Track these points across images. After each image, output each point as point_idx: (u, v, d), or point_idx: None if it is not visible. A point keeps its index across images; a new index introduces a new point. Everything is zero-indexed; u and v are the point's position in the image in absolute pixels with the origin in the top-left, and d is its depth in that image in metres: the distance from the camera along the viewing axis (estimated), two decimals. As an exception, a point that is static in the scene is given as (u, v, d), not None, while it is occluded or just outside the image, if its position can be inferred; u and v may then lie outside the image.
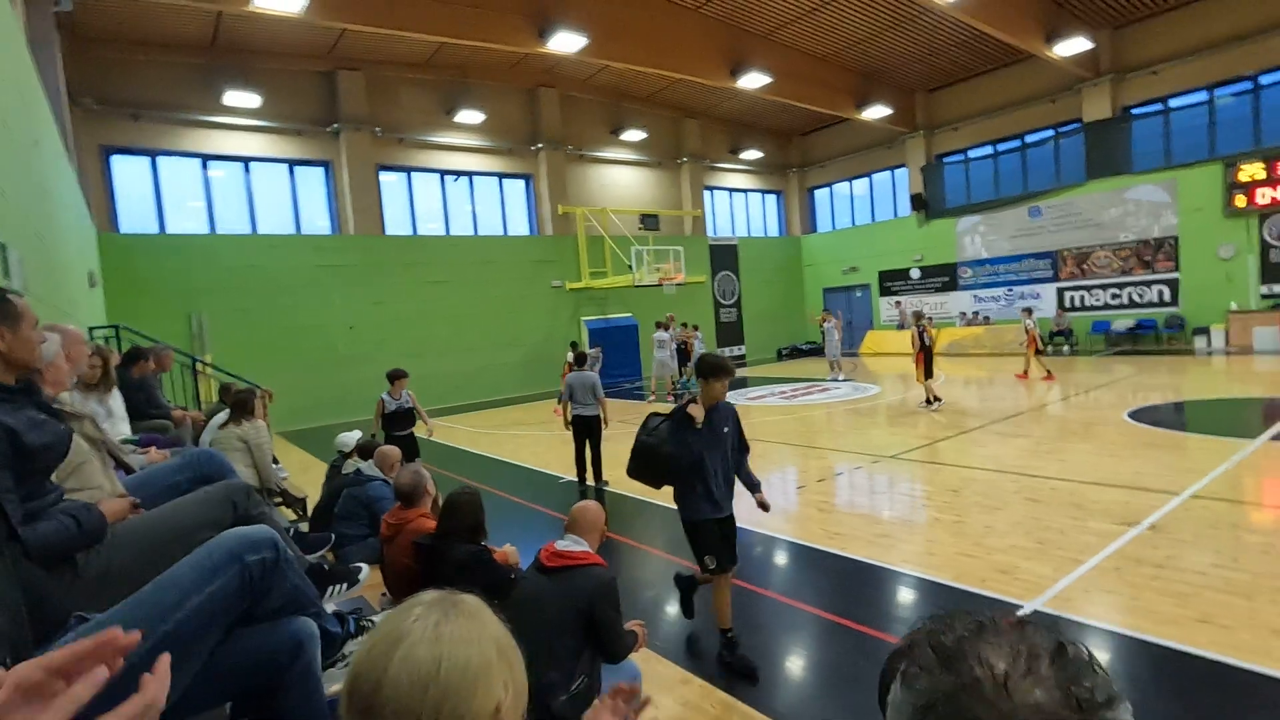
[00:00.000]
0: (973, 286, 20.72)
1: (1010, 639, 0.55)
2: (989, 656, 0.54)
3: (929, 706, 0.54)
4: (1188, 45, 16.09)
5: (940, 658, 0.56)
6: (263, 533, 1.52)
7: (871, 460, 7.81)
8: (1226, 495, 5.56)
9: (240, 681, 1.46)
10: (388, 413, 7.44)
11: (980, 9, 13.69)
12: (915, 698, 0.55)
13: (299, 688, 1.49)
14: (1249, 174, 15.25)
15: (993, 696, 0.51)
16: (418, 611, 0.78)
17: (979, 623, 0.58)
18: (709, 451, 3.63)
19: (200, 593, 1.37)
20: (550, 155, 19.03)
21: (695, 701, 3.28)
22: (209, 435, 5.57)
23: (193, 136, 14.52)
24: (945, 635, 0.57)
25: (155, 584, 1.39)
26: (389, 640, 0.75)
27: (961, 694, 0.52)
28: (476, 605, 0.81)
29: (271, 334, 14.69)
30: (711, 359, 3.63)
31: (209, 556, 1.43)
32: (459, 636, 0.76)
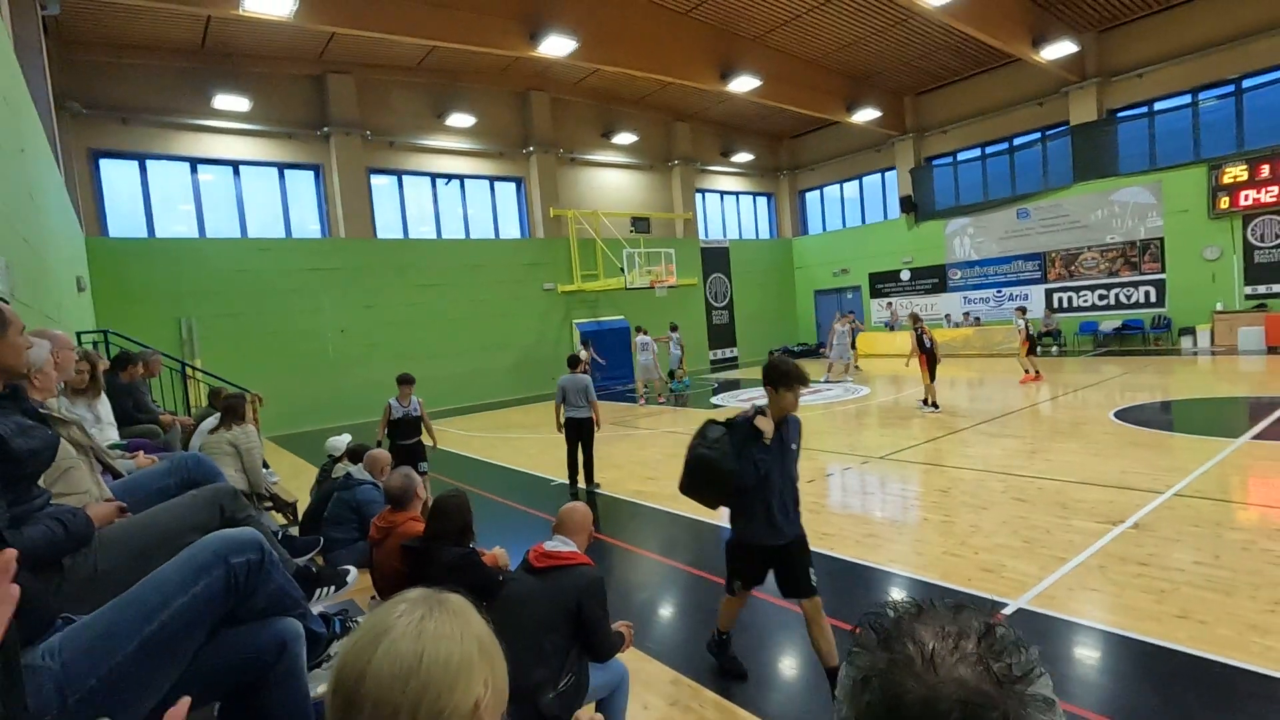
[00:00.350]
0: (962, 288, 20.87)
1: (943, 620, 0.60)
2: (921, 635, 0.59)
3: (865, 681, 0.58)
4: (1171, 49, 16.29)
5: (879, 637, 0.61)
6: (248, 534, 1.54)
7: (861, 461, 7.87)
8: (1209, 494, 5.64)
9: (226, 681, 1.48)
10: (394, 419, 7.15)
11: (967, 13, 13.82)
12: (855, 673, 0.60)
13: (284, 687, 1.51)
14: (1232, 176, 15.45)
15: (921, 671, 0.56)
16: (402, 607, 0.80)
17: (919, 605, 0.63)
18: (776, 470, 3.22)
19: (185, 594, 1.38)
20: (541, 158, 19.06)
21: (685, 701, 3.31)
22: (198, 440, 5.56)
23: (182, 140, 14.46)
24: (886, 617, 0.62)
25: (141, 585, 1.41)
26: (373, 633, 0.78)
27: (894, 669, 0.57)
28: (461, 603, 0.84)
29: (262, 338, 14.63)
30: (782, 365, 3.17)
31: (194, 558, 1.45)
32: (442, 633, 0.78)
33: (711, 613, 4.30)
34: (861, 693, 0.58)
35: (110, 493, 2.28)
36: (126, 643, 1.29)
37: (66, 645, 1.27)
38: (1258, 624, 3.47)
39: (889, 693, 0.56)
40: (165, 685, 1.35)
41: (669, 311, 20.99)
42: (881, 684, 0.57)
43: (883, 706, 0.56)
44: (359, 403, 15.67)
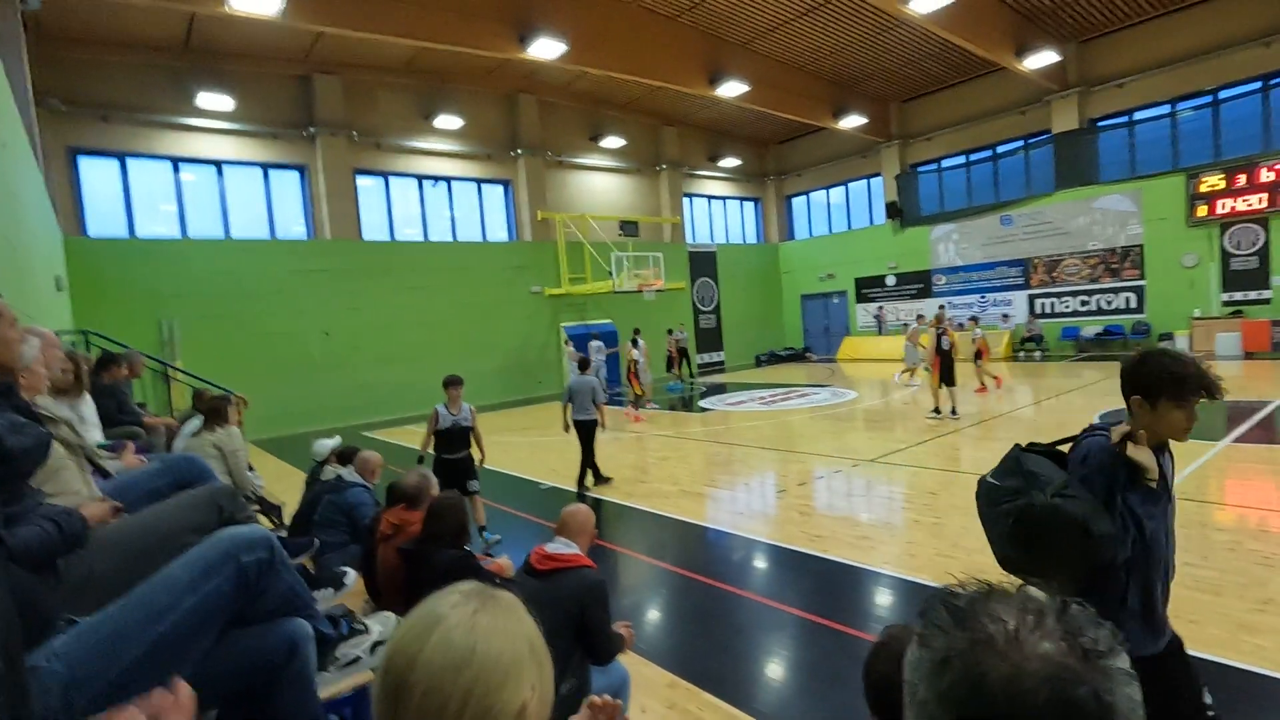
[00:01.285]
0: (946, 293, 21.07)
1: (1017, 599, 0.60)
2: (1000, 613, 0.58)
3: (945, 661, 0.58)
4: (1151, 60, 16.61)
5: (954, 617, 0.60)
6: (258, 532, 1.50)
7: (851, 464, 7.90)
8: (1194, 495, 5.72)
9: (235, 682, 1.44)
10: (440, 429, 6.09)
11: (952, 21, 14.00)
12: (932, 654, 0.59)
13: (294, 689, 1.47)
14: (1210, 185, 15.76)
15: (1004, 649, 0.56)
16: (455, 599, 0.79)
17: (987, 586, 0.63)
18: (1163, 529, 2.02)
19: (195, 593, 1.34)
20: (529, 161, 19.01)
21: (681, 704, 3.29)
22: (181, 442, 5.45)
23: (164, 139, 14.25)
24: (957, 598, 0.62)
25: (149, 584, 1.37)
26: (426, 621, 0.76)
27: (975, 648, 0.57)
28: (513, 601, 0.83)
29: (244, 340, 14.43)
30: (1174, 365, 1.95)
31: (204, 556, 1.41)
32: (495, 628, 0.77)
33: (706, 614, 4.29)
34: (941, 674, 0.57)
35: (101, 493, 2.22)
36: (135, 644, 1.25)
37: (72, 647, 1.23)
38: (1247, 623, 3.51)
39: (972, 672, 0.56)
40: None
41: (657, 316, 21.02)
42: (963, 664, 0.56)
43: (966, 686, 0.55)
44: (343, 406, 15.52)
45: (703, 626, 4.15)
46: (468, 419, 6.10)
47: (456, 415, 6.09)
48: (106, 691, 1.19)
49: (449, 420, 6.06)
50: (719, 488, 7.53)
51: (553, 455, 10.22)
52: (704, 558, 5.50)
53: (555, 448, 10.87)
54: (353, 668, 1.79)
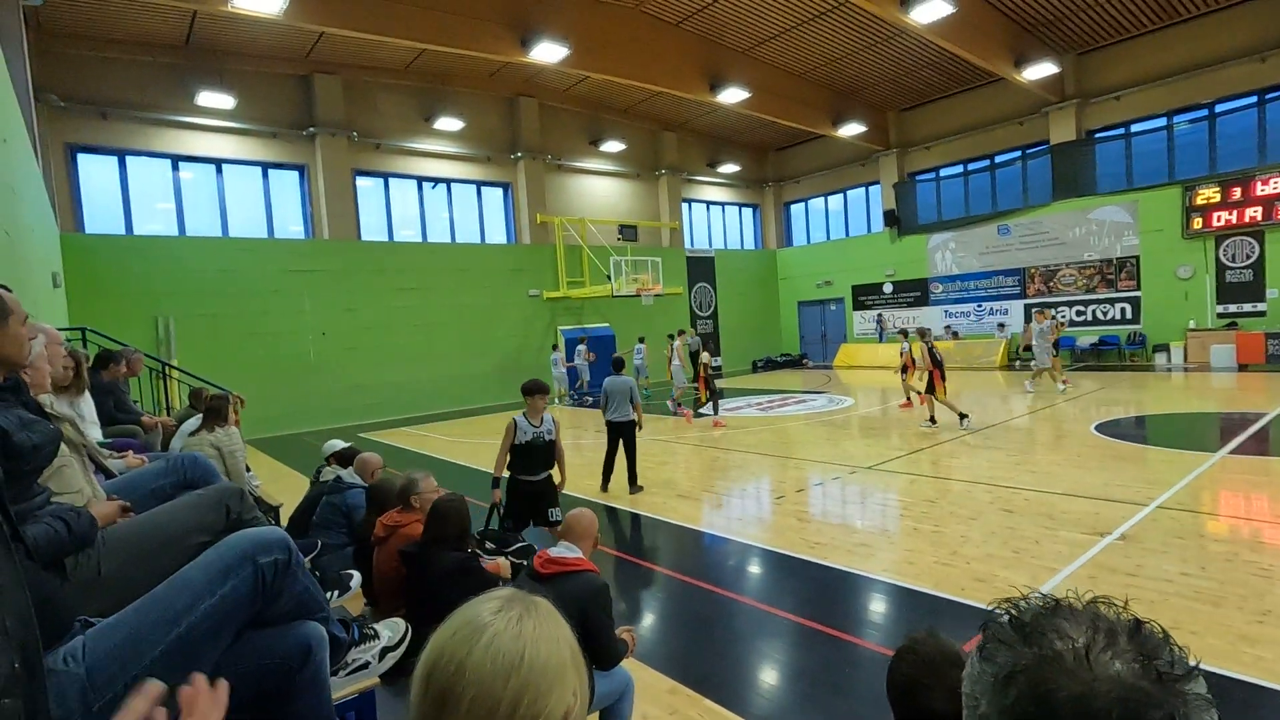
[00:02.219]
0: (944, 301, 21.16)
1: (1087, 616, 0.58)
2: (1068, 630, 0.57)
3: (1010, 677, 0.56)
4: (1148, 73, 16.73)
5: (1020, 632, 0.58)
6: (275, 534, 1.49)
7: (849, 471, 7.90)
8: (1190, 506, 5.74)
9: (251, 685, 1.43)
10: (520, 444, 5.00)
11: (952, 32, 14.09)
12: (996, 669, 0.58)
13: (308, 692, 1.46)
14: (1205, 197, 15.88)
15: (1074, 667, 0.54)
16: (496, 605, 0.79)
17: (1053, 601, 0.61)
18: None
19: (213, 595, 1.33)
20: (529, 164, 19.02)
21: (682, 710, 3.28)
22: (179, 441, 5.42)
23: (163, 136, 14.21)
24: (1021, 612, 0.60)
25: (167, 585, 1.35)
26: (472, 627, 0.76)
27: (1043, 665, 0.55)
28: (550, 609, 0.83)
29: (241, 339, 14.38)
30: None
31: (221, 558, 1.40)
32: (541, 635, 0.77)
33: (706, 620, 4.28)
34: (1006, 689, 0.56)
35: (103, 492, 2.21)
36: (153, 646, 1.24)
37: (90, 649, 1.22)
38: (1247, 634, 3.52)
39: (1038, 690, 0.54)
40: None
41: (654, 320, 21.04)
42: (1030, 680, 0.55)
43: (1032, 703, 0.54)
44: (339, 407, 15.46)
45: (703, 632, 4.14)
46: (550, 432, 5.06)
47: (538, 428, 5.01)
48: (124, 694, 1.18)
49: (529, 433, 4.97)
50: (717, 493, 7.52)
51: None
52: (703, 563, 5.49)
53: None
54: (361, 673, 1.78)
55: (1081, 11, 15.66)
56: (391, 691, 3.11)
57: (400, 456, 10.81)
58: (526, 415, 5.05)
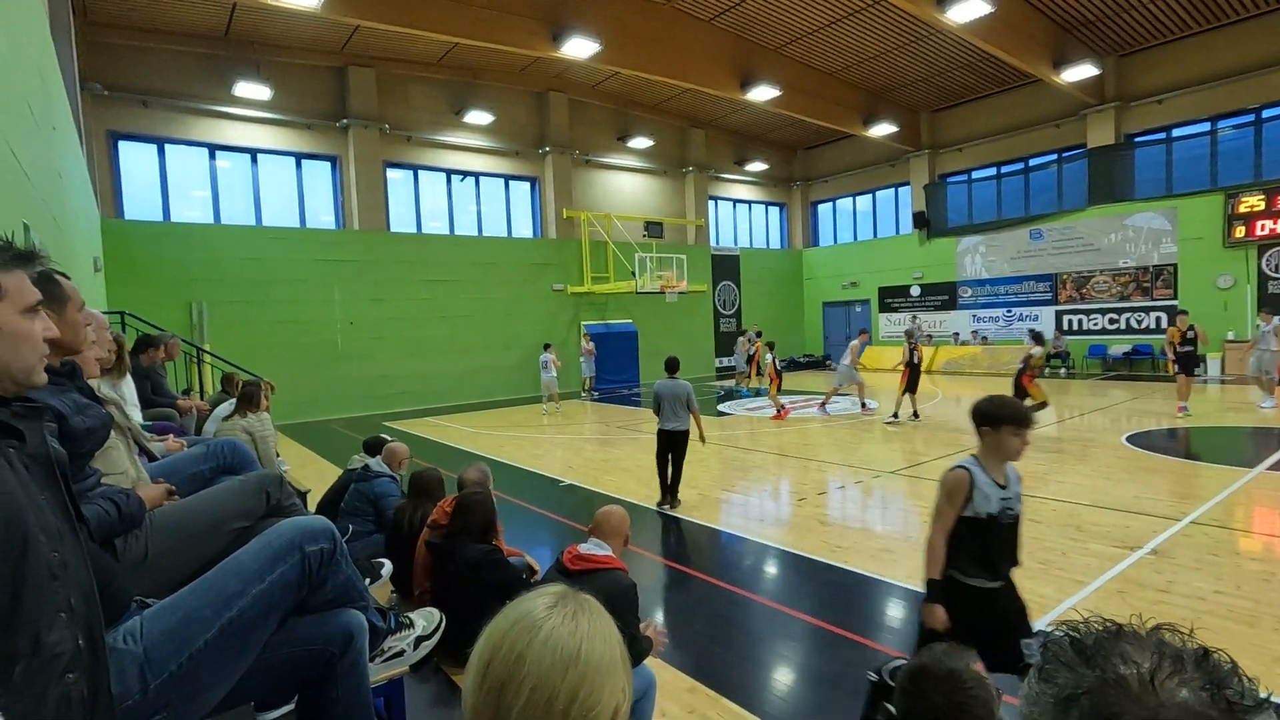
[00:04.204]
0: (972, 306, 20.85)
1: (1152, 641, 0.58)
2: (1133, 655, 0.56)
3: (1071, 699, 0.56)
4: (1191, 76, 16.29)
5: (1081, 655, 0.58)
6: (321, 523, 1.53)
7: (872, 475, 7.84)
8: (1226, 523, 5.61)
9: (294, 670, 1.47)
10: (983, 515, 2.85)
11: (989, 32, 13.84)
12: (1056, 690, 0.57)
13: (349, 678, 1.50)
14: (1249, 205, 15.43)
15: (1139, 692, 0.53)
16: (548, 601, 0.81)
17: (1117, 626, 0.60)
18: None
19: (262, 581, 1.37)
20: (557, 159, 19.09)
21: (701, 709, 3.28)
22: (212, 426, 5.55)
23: (201, 126, 14.51)
24: (1082, 634, 0.60)
25: (219, 570, 1.40)
26: (529, 620, 0.78)
27: (1106, 689, 0.54)
28: (599, 607, 0.85)
29: (270, 326, 14.66)
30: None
31: (269, 545, 1.44)
32: (595, 632, 0.79)
33: (726, 620, 4.29)
34: (1066, 711, 0.56)
35: (147, 475, 2.27)
36: (206, 629, 1.28)
37: (147, 629, 1.26)
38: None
39: (1102, 713, 0.54)
40: (238, 673, 1.34)
41: (678, 318, 21.01)
42: (1093, 704, 0.54)
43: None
44: (365, 395, 15.70)
45: (722, 632, 4.14)
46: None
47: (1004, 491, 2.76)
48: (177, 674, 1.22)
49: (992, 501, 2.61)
50: (737, 493, 7.51)
51: (571, 452, 10.25)
52: (723, 563, 5.49)
53: (574, 445, 10.91)
54: (395, 660, 1.82)
55: (1125, 12, 15.28)
56: (417, 679, 3.17)
57: (424, 446, 10.94)
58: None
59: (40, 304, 1.13)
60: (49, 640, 0.89)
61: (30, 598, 0.88)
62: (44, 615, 0.89)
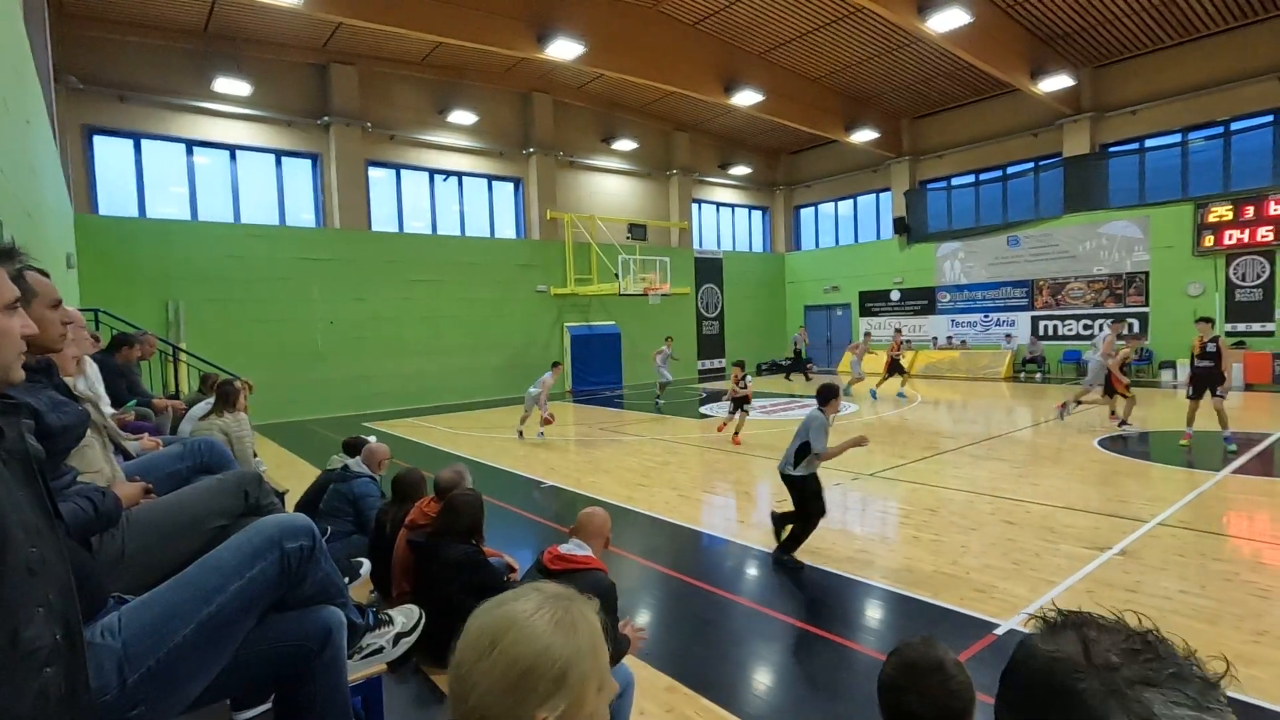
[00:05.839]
0: (950, 311, 21.14)
1: (1114, 623, 0.68)
2: (1098, 636, 0.66)
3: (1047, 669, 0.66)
4: (1164, 89, 16.68)
5: (1052, 632, 0.69)
6: (301, 521, 1.54)
7: (851, 478, 7.93)
8: (1193, 525, 5.75)
9: (272, 667, 1.47)
10: None
11: (969, 41, 14.07)
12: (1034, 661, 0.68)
13: (327, 675, 1.51)
14: (1218, 215, 15.83)
15: (1101, 663, 0.63)
16: (536, 594, 0.86)
17: (1087, 613, 0.71)
18: None
19: (241, 577, 1.38)
20: (541, 160, 19.07)
21: (680, 708, 3.31)
22: (188, 425, 5.48)
23: (179, 121, 14.30)
24: (1056, 616, 0.71)
25: (198, 566, 1.40)
26: (512, 605, 0.83)
27: (1074, 660, 0.64)
28: (584, 601, 0.89)
29: (249, 325, 14.48)
30: None
31: (249, 542, 1.45)
32: (572, 621, 0.83)
33: (704, 620, 4.33)
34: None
35: (123, 473, 2.26)
36: (185, 624, 1.28)
37: (125, 624, 1.26)
38: (1242, 654, 3.54)
39: (1065, 682, 0.64)
40: (215, 669, 1.34)
41: (661, 320, 21.06)
42: (1061, 670, 0.65)
43: None
44: (345, 396, 15.56)
45: (701, 632, 4.18)
46: None
47: None
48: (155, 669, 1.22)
49: None
50: (718, 494, 7.56)
51: (553, 454, 10.25)
52: (702, 563, 5.52)
53: (554, 446, 10.91)
54: (374, 657, 1.82)
55: (1101, 25, 15.62)
56: (396, 679, 3.16)
57: (404, 447, 10.88)
58: None
59: (19, 301, 1.13)
60: (27, 635, 0.89)
61: (8, 593, 0.88)
62: (22, 610, 0.90)
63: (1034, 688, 0.65)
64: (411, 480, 3.77)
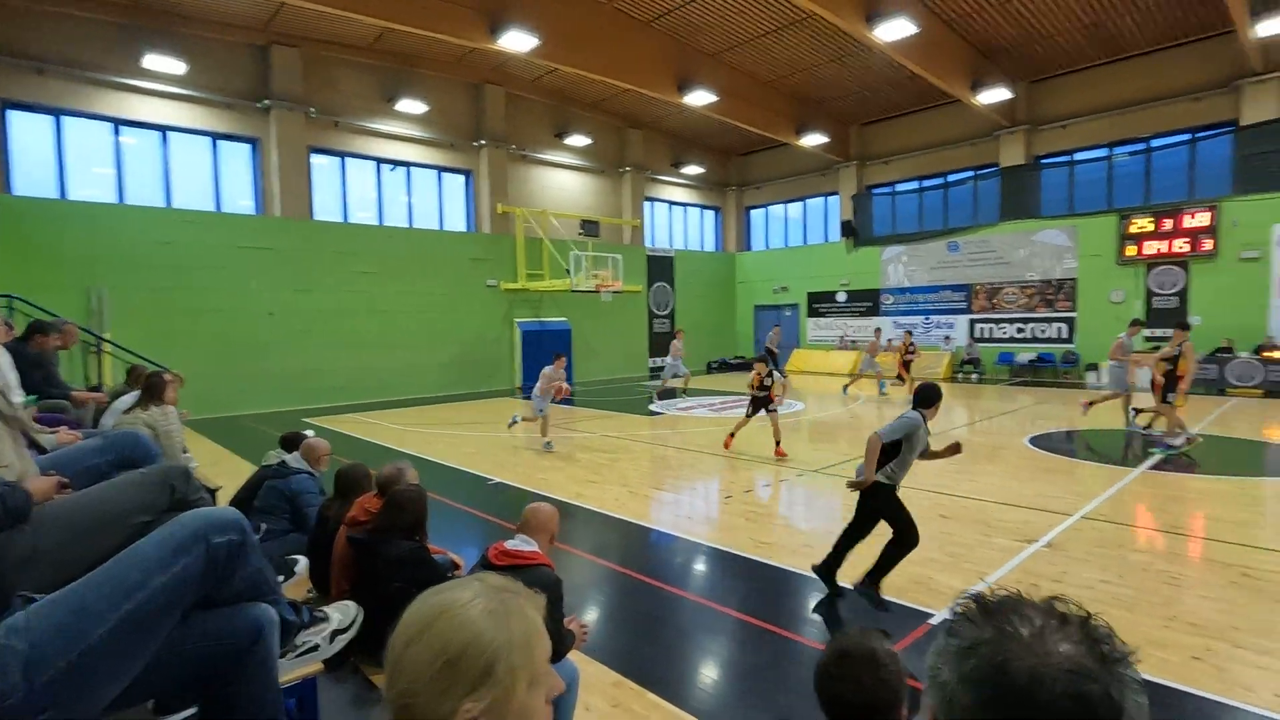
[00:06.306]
0: (894, 313, 21.78)
1: (1045, 606, 0.67)
2: (1028, 614, 0.65)
3: (971, 648, 0.64)
4: (1093, 105, 17.57)
5: (983, 612, 0.67)
6: (229, 514, 1.46)
7: (797, 474, 8.09)
8: (1112, 518, 6.08)
9: (199, 667, 1.40)
10: None
11: (914, 52, 14.51)
12: (960, 642, 0.66)
13: (257, 675, 1.44)
14: (1139, 227, 16.77)
15: (1030, 642, 0.62)
16: (476, 583, 0.86)
17: (1016, 592, 0.70)
18: None
19: (164, 572, 1.30)
20: (492, 153, 18.78)
21: (626, 703, 3.32)
22: (112, 419, 5.22)
23: (105, 98, 13.51)
24: (988, 598, 0.69)
25: (116, 561, 1.32)
26: (452, 590, 0.83)
27: (1003, 639, 0.63)
28: (524, 591, 0.90)
29: (182, 315, 13.81)
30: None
31: (173, 536, 1.37)
32: (507, 610, 0.84)
33: (651, 615, 4.35)
34: (966, 657, 0.64)
35: (36, 467, 2.12)
36: (100, 623, 1.21)
37: (33, 624, 1.18)
38: (1155, 638, 3.77)
39: (996, 659, 0.62)
40: (134, 670, 1.26)
41: (612, 317, 21.05)
42: (989, 651, 0.63)
43: (989, 669, 0.62)
44: (287, 390, 15.02)
45: (648, 627, 4.19)
46: None
47: None
48: (68, 670, 1.15)
49: None
50: (667, 491, 7.60)
51: (501, 450, 10.12)
52: (650, 559, 5.55)
53: (503, 443, 10.77)
54: (310, 655, 1.76)
55: (1035, 42, 16.33)
56: (333, 679, 3.06)
57: (348, 443, 10.57)
58: None
59: None
60: None
61: None
62: None
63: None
64: (355, 475, 3.65)
